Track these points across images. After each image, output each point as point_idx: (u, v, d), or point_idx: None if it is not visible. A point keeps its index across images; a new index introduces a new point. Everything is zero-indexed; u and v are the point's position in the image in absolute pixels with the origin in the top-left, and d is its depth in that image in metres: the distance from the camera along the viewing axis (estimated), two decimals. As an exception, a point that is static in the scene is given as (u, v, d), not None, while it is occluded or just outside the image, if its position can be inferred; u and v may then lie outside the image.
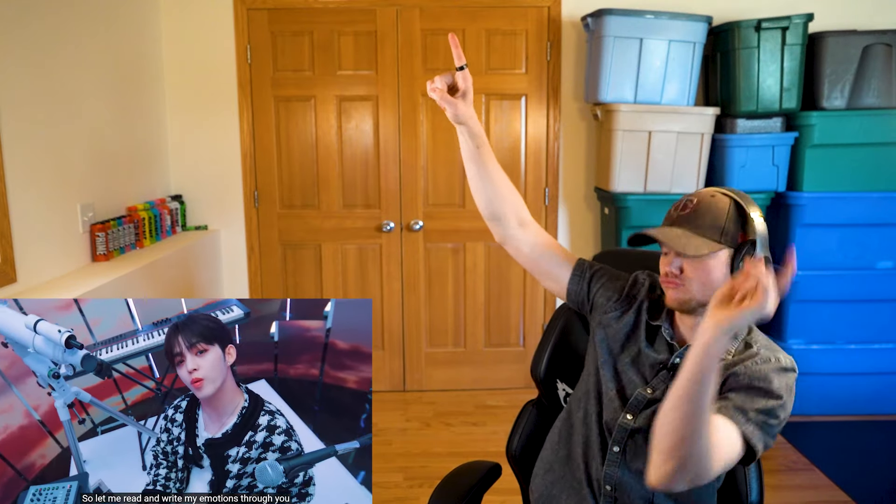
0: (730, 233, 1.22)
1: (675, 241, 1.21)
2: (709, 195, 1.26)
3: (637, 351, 1.33)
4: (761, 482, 1.36)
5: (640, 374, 1.31)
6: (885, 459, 2.88)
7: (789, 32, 2.98)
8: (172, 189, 3.49)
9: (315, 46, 3.42)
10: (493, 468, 1.50)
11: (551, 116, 3.49)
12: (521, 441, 1.58)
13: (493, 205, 1.43)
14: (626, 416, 1.28)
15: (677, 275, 1.24)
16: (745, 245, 1.22)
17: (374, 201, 3.54)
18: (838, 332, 3.20)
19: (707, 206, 1.24)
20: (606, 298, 1.39)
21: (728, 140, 3.10)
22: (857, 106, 3.07)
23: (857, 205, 3.09)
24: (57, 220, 2.45)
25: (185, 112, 3.44)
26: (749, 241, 1.22)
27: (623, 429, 1.28)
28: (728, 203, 1.24)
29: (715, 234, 1.22)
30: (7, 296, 2.11)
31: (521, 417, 1.61)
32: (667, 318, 1.33)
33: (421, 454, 2.97)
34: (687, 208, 1.25)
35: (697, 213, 1.24)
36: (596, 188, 3.45)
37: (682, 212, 1.25)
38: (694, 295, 1.23)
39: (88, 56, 2.68)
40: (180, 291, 2.97)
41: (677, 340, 1.31)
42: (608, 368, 1.34)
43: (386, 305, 3.62)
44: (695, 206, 1.24)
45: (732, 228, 1.23)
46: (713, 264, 1.22)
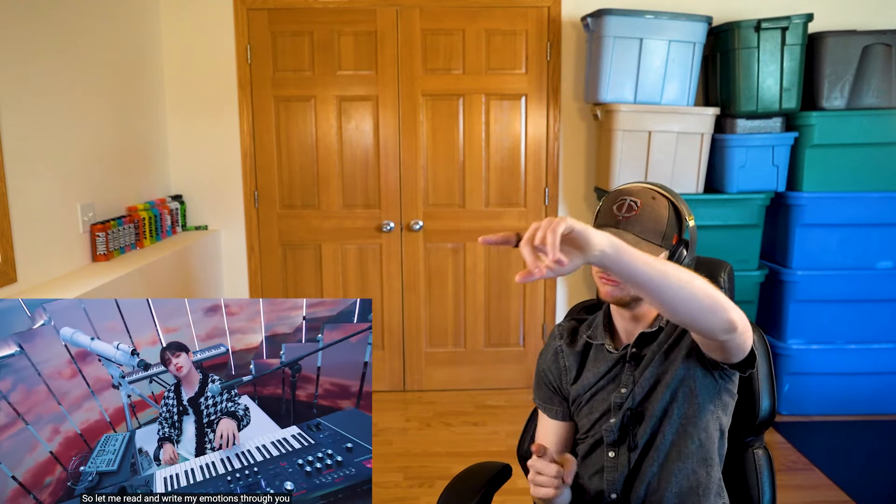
0: (668, 236, 1.27)
1: None
2: (649, 197, 1.27)
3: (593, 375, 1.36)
4: (773, 486, 1.37)
5: (610, 382, 1.33)
6: (885, 459, 2.88)
7: (789, 32, 2.98)
8: (172, 189, 3.49)
9: (315, 46, 3.42)
10: (503, 469, 1.50)
11: (551, 116, 3.49)
12: (531, 442, 1.57)
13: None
14: (610, 420, 1.30)
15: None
16: (679, 246, 1.28)
17: (374, 201, 3.54)
18: (838, 332, 3.20)
19: (650, 210, 1.26)
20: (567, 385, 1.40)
21: (728, 140, 3.10)
22: (857, 106, 3.07)
23: (857, 205, 3.09)
24: (57, 220, 2.45)
25: (185, 112, 3.44)
26: (682, 242, 1.29)
27: (608, 432, 1.30)
28: (667, 205, 1.28)
29: (657, 238, 1.26)
30: (7, 295, 2.11)
31: (531, 419, 1.61)
32: (605, 331, 1.37)
33: (421, 454, 2.97)
34: (632, 211, 1.26)
35: (642, 217, 1.25)
36: (596, 188, 3.45)
37: (626, 214, 1.26)
38: (629, 291, 1.26)
39: (88, 56, 2.69)
40: (180, 291, 2.97)
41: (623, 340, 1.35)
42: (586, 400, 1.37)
43: (386, 305, 3.62)
44: (639, 210, 1.26)
45: (670, 232, 1.28)
46: None
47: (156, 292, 2.70)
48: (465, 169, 3.53)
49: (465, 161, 3.52)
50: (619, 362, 1.33)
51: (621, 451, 1.29)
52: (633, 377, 1.30)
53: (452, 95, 3.47)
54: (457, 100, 3.47)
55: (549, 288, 3.64)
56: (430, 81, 3.46)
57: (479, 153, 3.52)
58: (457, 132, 3.50)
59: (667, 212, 1.27)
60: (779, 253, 3.27)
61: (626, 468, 1.29)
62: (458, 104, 3.48)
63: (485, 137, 3.51)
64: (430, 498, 2.61)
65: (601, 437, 1.32)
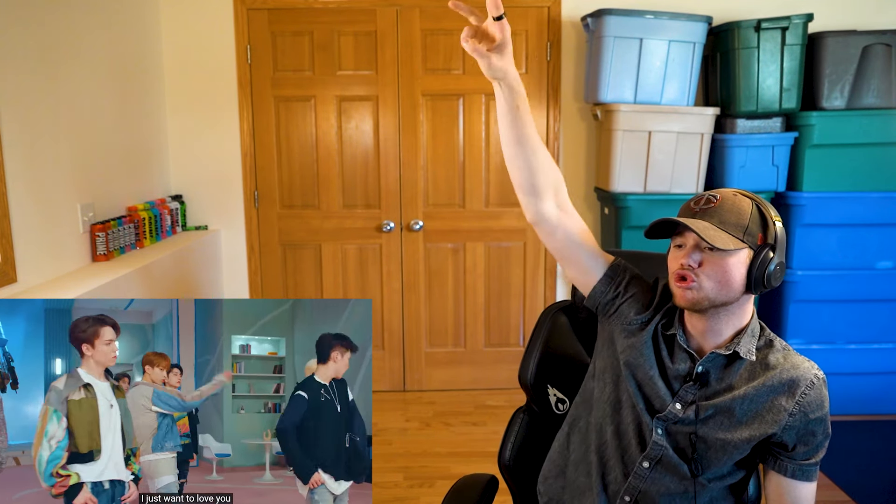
0: (752, 233, 1.19)
1: (705, 231, 1.16)
2: (731, 194, 1.23)
3: (660, 362, 1.28)
4: (758, 479, 1.36)
5: (667, 386, 1.26)
6: (885, 459, 2.88)
7: (789, 32, 2.98)
8: (172, 189, 3.49)
9: (315, 46, 3.42)
10: (490, 482, 1.47)
11: (551, 116, 3.49)
12: (514, 450, 1.53)
13: (531, 175, 1.27)
14: (657, 432, 1.24)
15: (694, 268, 1.19)
16: (764, 247, 1.19)
17: (374, 201, 3.54)
18: (838, 332, 3.20)
19: (731, 203, 1.20)
20: (635, 311, 1.32)
21: (728, 140, 3.10)
22: (857, 106, 3.07)
23: (857, 205, 3.09)
24: (57, 220, 2.45)
25: (185, 112, 3.44)
26: (769, 245, 1.19)
27: (658, 446, 1.24)
28: (750, 204, 1.21)
29: (739, 232, 1.18)
30: (7, 296, 2.11)
31: (511, 425, 1.56)
32: (679, 325, 1.29)
33: (421, 454, 2.97)
34: (710, 203, 1.21)
35: (721, 209, 1.20)
36: (596, 188, 3.45)
37: (704, 206, 1.21)
38: (707, 294, 1.19)
39: (88, 56, 2.68)
40: (180, 291, 2.97)
41: (693, 348, 1.27)
42: (631, 382, 1.29)
43: (386, 305, 3.62)
44: (718, 202, 1.20)
45: (754, 229, 1.19)
46: (733, 262, 1.18)
47: (156, 292, 2.71)
48: (465, 169, 3.53)
49: (465, 161, 3.52)
50: (685, 375, 1.25)
51: (657, 465, 1.25)
52: (692, 396, 1.24)
53: (452, 95, 3.47)
54: (457, 100, 3.47)
55: (549, 288, 3.64)
56: (430, 81, 3.46)
57: (479, 153, 3.52)
58: (457, 132, 3.50)
59: (749, 208, 1.20)
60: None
61: (654, 482, 1.25)
62: (458, 104, 3.48)
63: (485, 137, 3.51)
64: (430, 498, 2.61)
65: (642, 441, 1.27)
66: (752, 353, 1.23)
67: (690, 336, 1.27)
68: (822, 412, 1.22)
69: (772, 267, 1.19)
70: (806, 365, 1.23)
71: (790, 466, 1.22)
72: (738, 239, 1.18)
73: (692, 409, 1.23)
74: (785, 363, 1.23)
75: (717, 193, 1.23)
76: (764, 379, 1.21)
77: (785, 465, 1.22)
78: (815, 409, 1.21)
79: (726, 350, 1.23)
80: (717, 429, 1.22)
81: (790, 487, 1.22)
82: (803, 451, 1.22)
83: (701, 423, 1.23)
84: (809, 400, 1.20)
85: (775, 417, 1.20)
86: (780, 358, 1.24)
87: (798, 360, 1.24)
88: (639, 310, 1.32)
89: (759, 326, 1.28)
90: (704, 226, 1.18)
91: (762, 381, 1.21)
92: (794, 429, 1.20)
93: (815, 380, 1.22)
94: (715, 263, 1.18)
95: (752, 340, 1.24)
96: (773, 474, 1.24)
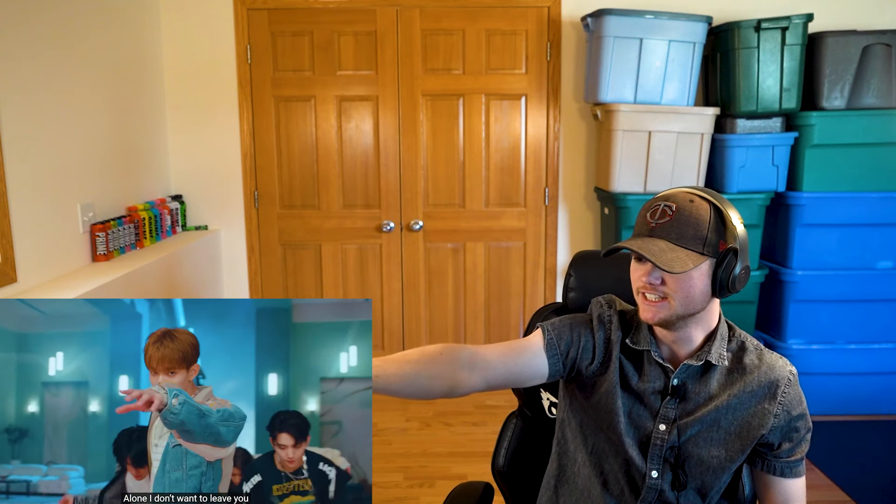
0: (712, 243, 1.15)
1: (660, 256, 1.13)
2: (687, 200, 1.17)
3: (634, 387, 1.26)
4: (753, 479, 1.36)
5: (647, 407, 1.24)
6: (885, 459, 2.88)
7: (789, 32, 2.98)
8: (172, 189, 3.49)
9: (315, 46, 3.43)
10: (485, 490, 1.45)
11: (551, 116, 3.49)
12: (508, 456, 1.52)
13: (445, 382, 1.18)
14: (652, 476, 1.23)
15: (657, 286, 1.16)
16: (727, 254, 1.16)
17: (374, 201, 3.54)
18: (838, 332, 3.20)
19: (688, 213, 1.15)
20: (587, 362, 1.28)
21: (728, 140, 3.10)
22: (857, 106, 3.07)
23: (857, 205, 3.09)
24: (57, 220, 2.45)
25: (185, 112, 3.44)
26: (731, 250, 1.16)
27: (652, 490, 1.23)
28: (708, 209, 1.16)
29: (698, 245, 1.14)
30: (7, 296, 2.11)
31: (504, 430, 1.54)
32: (650, 337, 1.26)
33: (421, 454, 2.97)
34: (666, 216, 1.16)
35: (678, 222, 1.15)
36: (596, 188, 3.45)
37: (660, 220, 1.16)
38: (676, 310, 1.17)
39: (88, 56, 2.69)
40: (180, 291, 2.97)
41: (665, 357, 1.25)
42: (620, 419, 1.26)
43: (386, 305, 3.62)
44: (674, 214, 1.15)
45: (714, 238, 1.15)
46: (696, 276, 1.15)
47: (156, 292, 2.71)
48: (465, 169, 3.53)
49: (465, 161, 3.52)
50: (661, 391, 1.23)
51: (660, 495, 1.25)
52: (674, 412, 1.22)
53: (452, 95, 3.47)
54: (457, 100, 3.48)
55: (549, 288, 3.64)
56: (430, 81, 3.46)
57: (479, 153, 3.52)
58: (457, 132, 3.50)
59: (708, 215, 1.15)
60: (779, 253, 3.27)
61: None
62: (458, 104, 3.48)
63: (485, 137, 3.51)
64: (430, 498, 2.61)
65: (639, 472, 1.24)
66: (724, 357, 1.22)
67: (661, 344, 1.26)
68: (801, 408, 1.22)
69: (736, 271, 1.16)
70: (780, 363, 1.24)
71: (777, 465, 1.23)
72: (697, 253, 1.15)
73: (675, 428, 1.22)
74: (761, 365, 1.23)
75: (672, 202, 1.17)
76: (743, 385, 1.21)
77: (772, 465, 1.23)
78: (795, 405, 1.21)
79: (698, 360, 1.22)
80: (710, 445, 1.21)
81: (780, 485, 1.23)
82: (788, 448, 1.22)
83: (690, 441, 1.22)
84: (790, 398, 1.21)
85: (761, 421, 1.20)
86: (755, 359, 1.23)
87: (772, 360, 1.24)
88: (589, 358, 1.28)
89: (728, 327, 1.27)
90: (660, 248, 1.14)
91: (741, 386, 1.21)
92: (778, 428, 1.21)
93: (790, 377, 1.22)
94: (677, 280, 1.16)
95: (723, 344, 1.23)
96: (762, 474, 1.25)
